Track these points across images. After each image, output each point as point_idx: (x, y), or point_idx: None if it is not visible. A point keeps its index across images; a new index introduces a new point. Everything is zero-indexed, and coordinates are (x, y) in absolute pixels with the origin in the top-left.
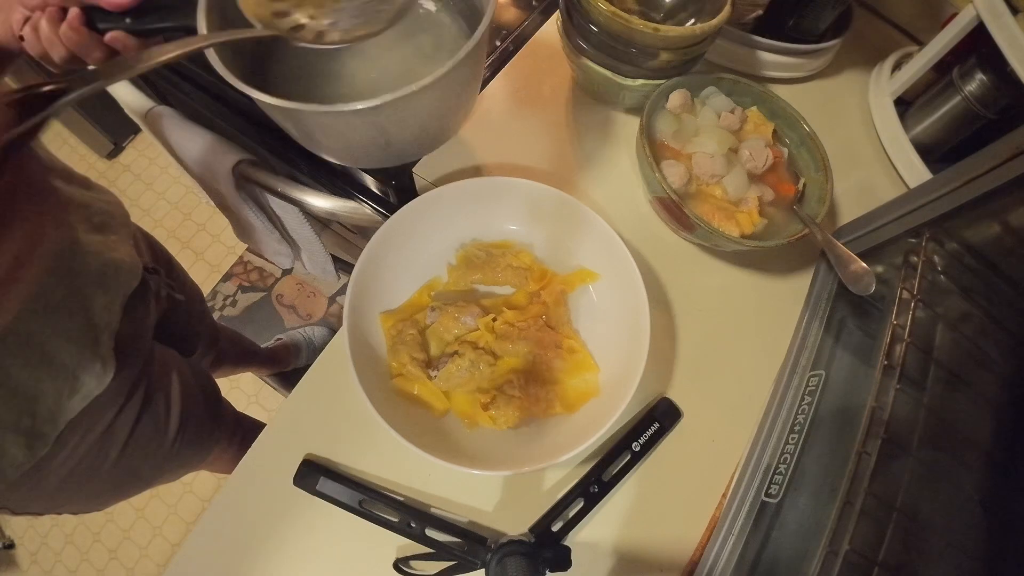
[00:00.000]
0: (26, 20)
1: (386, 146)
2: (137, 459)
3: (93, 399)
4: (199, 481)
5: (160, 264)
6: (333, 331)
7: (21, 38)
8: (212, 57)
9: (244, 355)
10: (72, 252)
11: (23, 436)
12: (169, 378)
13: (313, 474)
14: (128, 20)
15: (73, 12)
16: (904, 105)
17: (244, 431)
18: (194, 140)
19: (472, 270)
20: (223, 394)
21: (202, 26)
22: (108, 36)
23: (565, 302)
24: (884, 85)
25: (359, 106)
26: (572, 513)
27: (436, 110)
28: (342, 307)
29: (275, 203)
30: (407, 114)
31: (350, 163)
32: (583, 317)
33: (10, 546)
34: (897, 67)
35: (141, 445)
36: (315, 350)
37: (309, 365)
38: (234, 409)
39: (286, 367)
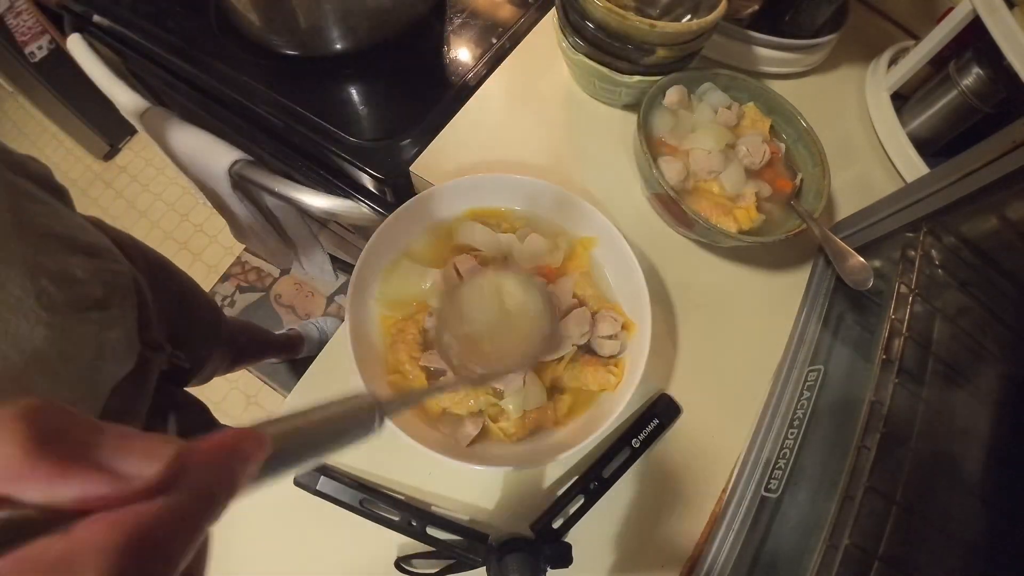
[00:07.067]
0: None
1: None
2: None
3: None
4: None
5: (168, 329)
6: (343, 320)
7: None
8: None
9: (262, 347)
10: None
11: None
12: None
13: (313, 474)
14: None
15: None
16: (901, 100)
17: None
18: (190, 140)
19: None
20: (222, 396)
21: None
22: None
23: (592, 280)
24: (881, 80)
25: None
26: (573, 510)
27: None
28: (341, 307)
29: (272, 203)
30: None
31: None
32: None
33: None
34: (893, 62)
35: None
36: (328, 339)
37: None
38: None
39: (298, 354)
